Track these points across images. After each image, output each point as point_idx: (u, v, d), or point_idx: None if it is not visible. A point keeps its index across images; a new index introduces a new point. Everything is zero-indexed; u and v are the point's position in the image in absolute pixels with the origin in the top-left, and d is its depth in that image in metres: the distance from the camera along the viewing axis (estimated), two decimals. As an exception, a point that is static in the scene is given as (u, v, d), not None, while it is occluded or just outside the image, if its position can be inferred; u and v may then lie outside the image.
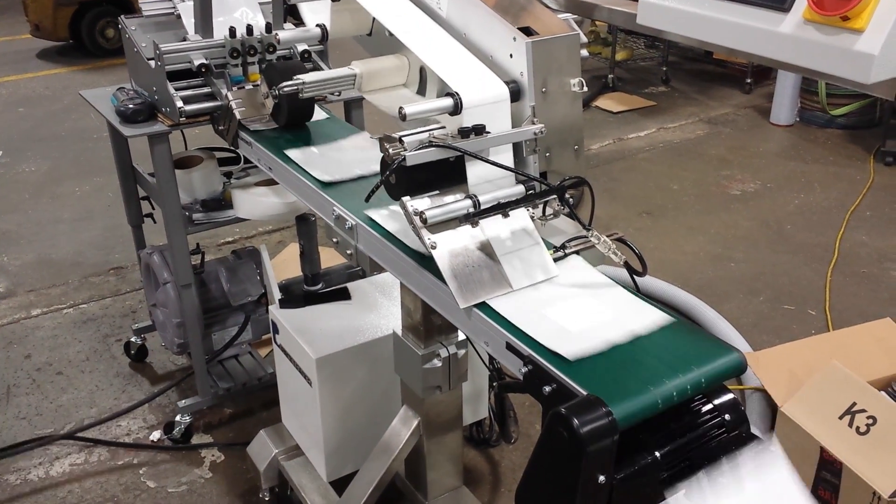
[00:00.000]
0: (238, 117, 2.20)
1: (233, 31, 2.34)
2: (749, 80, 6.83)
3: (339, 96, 2.63)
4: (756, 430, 1.39)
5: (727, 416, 1.29)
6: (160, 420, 3.01)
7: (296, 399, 2.34)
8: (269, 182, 2.66)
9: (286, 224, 4.45)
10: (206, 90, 2.42)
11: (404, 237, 1.60)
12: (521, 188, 1.49)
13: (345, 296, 2.39)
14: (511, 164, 1.52)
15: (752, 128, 6.06)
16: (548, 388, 1.26)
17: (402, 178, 1.46)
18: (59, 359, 3.39)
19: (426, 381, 1.91)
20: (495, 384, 2.51)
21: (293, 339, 2.22)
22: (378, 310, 2.33)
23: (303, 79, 1.77)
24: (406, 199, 1.44)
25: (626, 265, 1.48)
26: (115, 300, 3.81)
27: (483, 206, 1.45)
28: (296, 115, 2.20)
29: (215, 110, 2.39)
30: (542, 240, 1.52)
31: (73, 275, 4.05)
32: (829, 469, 2.51)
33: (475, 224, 1.46)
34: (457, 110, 1.48)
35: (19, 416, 3.06)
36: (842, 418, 2.53)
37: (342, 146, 2.14)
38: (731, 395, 1.30)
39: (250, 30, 2.36)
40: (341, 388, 2.19)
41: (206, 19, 2.45)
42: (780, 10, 1.18)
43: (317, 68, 2.58)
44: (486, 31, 1.60)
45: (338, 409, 2.21)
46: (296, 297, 2.39)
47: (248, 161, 2.83)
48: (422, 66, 1.77)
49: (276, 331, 2.34)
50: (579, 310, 1.40)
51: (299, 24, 2.70)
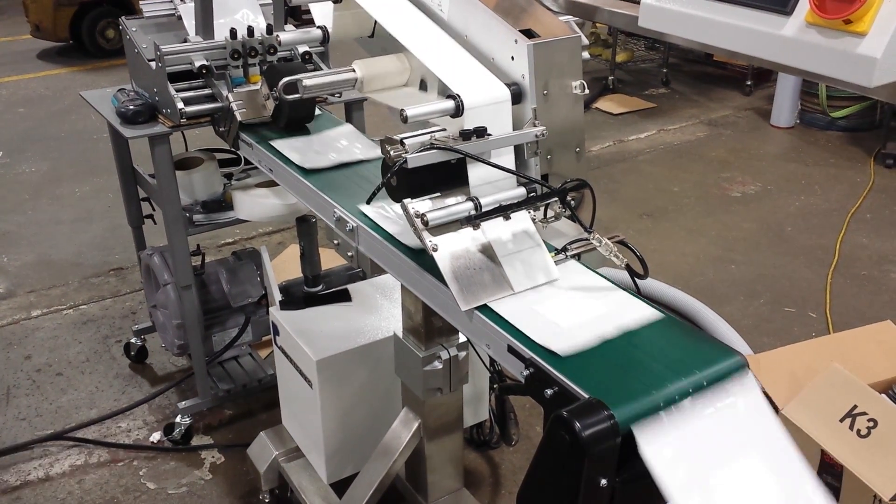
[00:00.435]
0: (239, 119, 2.20)
1: (234, 32, 2.34)
2: (749, 83, 6.83)
3: (339, 97, 2.64)
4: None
5: (728, 419, 1.28)
6: (160, 421, 3.00)
7: (296, 401, 2.34)
8: (270, 183, 2.66)
9: (286, 225, 4.45)
10: (207, 91, 2.42)
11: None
12: (523, 190, 1.49)
13: (345, 297, 2.39)
14: (512, 166, 1.51)
15: (753, 130, 6.06)
16: (549, 391, 1.26)
17: (404, 180, 1.46)
18: (59, 360, 3.39)
19: (427, 383, 1.91)
20: (496, 386, 2.51)
21: (294, 341, 2.22)
22: (379, 312, 2.32)
23: (303, 81, 1.77)
24: (407, 201, 1.44)
25: (628, 268, 1.47)
26: (115, 301, 3.81)
27: (484, 209, 1.45)
28: (296, 117, 2.20)
29: (216, 112, 2.39)
30: (544, 242, 1.52)
31: (73, 276, 4.05)
32: (829, 472, 2.51)
33: (476, 226, 1.46)
34: (458, 112, 1.48)
35: (19, 416, 3.06)
36: (842, 421, 2.52)
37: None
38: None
39: (251, 31, 2.36)
40: (342, 390, 2.19)
41: (206, 20, 2.45)
42: (782, 13, 1.18)
43: (317, 70, 2.58)
44: (487, 34, 1.60)
45: (338, 411, 2.20)
46: (296, 298, 2.39)
47: (248, 162, 2.83)
48: (423, 70, 1.77)
49: (276, 332, 2.34)
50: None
51: (300, 25, 2.70)
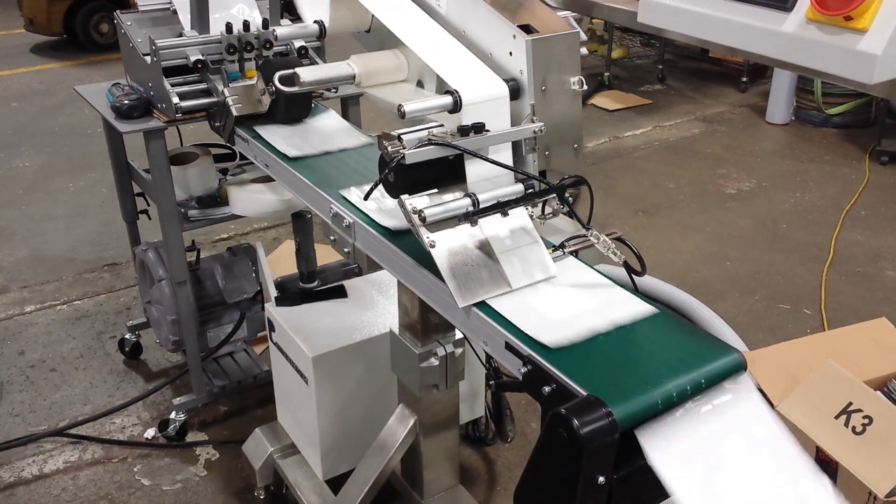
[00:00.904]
0: (235, 114, 2.19)
1: (229, 26, 2.32)
2: (745, 79, 6.83)
3: (335, 92, 2.62)
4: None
5: (726, 417, 1.28)
6: (155, 417, 2.99)
7: (292, 397, 2.34)
8: (265, 179, 2.65)
9: (281, 221, 4.44)
10: (203, 86, 2.41)
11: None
12: (521, 187, 1.49)
13: (341, 294, 2.38)
14: (510, 162, 1.51)
15: (748, 126, 6.07)
16: (547, 389, 1.25)
17: (401, 177, 1.45)
18: (53, 355, 3.37)
19: (423, 380, 1.90)
20: (492, 383, 2.51)
21: (289, 337, 2.21)
22: (375, 308, 2.32)
23: (300, 75, 1.76)
24: (405, 197, 1.43)
25: (626, 265, 1.47)
26: (110, 297, 3.79)
27: (482, 205, 1.44)
28: (293, 112, 2.19)
29: (211, 106, 2.37)
30: (541, 239, 1.51)
31: (67, 271, 4.03)
32: (824, 469, 2.50)
33: (474, 223, 1.45)
34: (456, 108, 1.47)
35: (13, 413, 3.04)
36: (838, 418, 2.53)
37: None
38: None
39: (247, 26, 2.35)
40: (337, 387, 2.18)
41: (202, 15, 2.43)
42: (782, 10, 1.18)
43: (313, 65, 2.57)
44: (485, 29, 1.59)
45: (334, 408, 2.20)
46: (292, 294, 2.38)
47: (243, 157, 2.82)
48: (420, 65, 1.77)
49: (272, 328, 2.33)
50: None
51: (296, 20, 2.68)
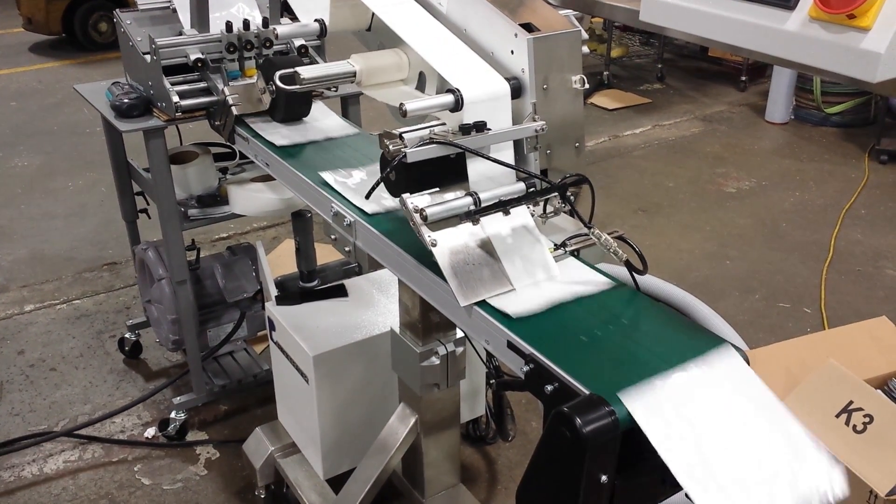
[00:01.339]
0: (235, 112, 2.19)
1: (229, 25, 2.32)
2: (744, 78, 6.83)
3: (335, 91, 2.62)
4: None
5: (729, 416, 1.28)
6: (155, 417, 2.99)
7: (292, 396, 2.33)
8: (265, 178, 2.65)
9: (281, 220, 4.44)
10: (203, 85, 2.40)
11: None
12: (522, 185, 1.49)
13: (342, 293, 2.38)
14: (512, 161, 1.51)
15: (748, 125, 6.07)
16: (549, 387, 1.25)
17: (403, 175, 1.45)
18: (53, 355, 3.37)
19: (424, 379, 1.90)
20: (493, 382, 2.51)
21: (290, 336, 2.21)
22: (375, 307, 2.31)
23: (301, 74, 1.76)
24: (406, 196, 1.43)
25: (627, 263, 1.47)
26: (109, 296, 3.79)
27: (484, 204, 1.44)
28: (293, 111, 2.19)
29: (212, 105, 2.37)
30: (543, 237, 1.51)
31: (67, 270, 4.02)
32: (825, 467, 2.51)
33: (476, 221, 1.45)
34: (458, 107, 1.47)
35: (12, 412, 3.04)
36: (838, 417, 2.53)
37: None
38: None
39: (247, 24, 2.34)
40: (338, 386, 2.18)
41: (202, 13, 2.43)
42: (785, 8, 1.18)
43: (314, 63, 2.56)
44: (486, 28, 1.59)
45: (335, 407, 2.20)
46: (292, 293, 2.38)
47: (243, 156, 2.82)
48: (421, 64, 1.76)
49: (272, 328, 2.33)
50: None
51: (295, 19, 2.68)
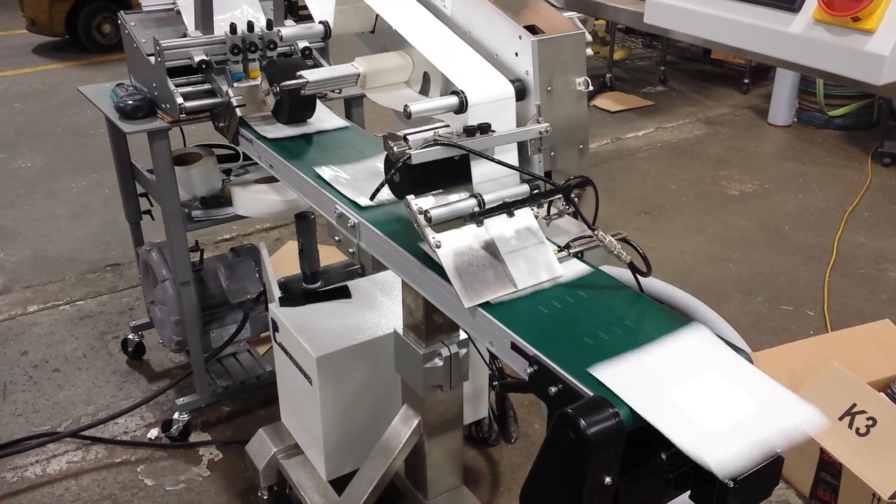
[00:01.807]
0: (239, 114, 2.19)
1: (234, 27, 2.33)
2: (747, 81, 6.83)
3: (339, 93, 2.63)
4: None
5: (732, 418, 1.28)
6: (158, 418, 2.99)
7: (295, 397, 2.34)
8: (269, 179, 2.65)
9: (284, 222, 4.44)
10: (207, 87, 2.41)
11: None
12: (526, 187, 1.49)
13: (345, 294, 2.38)
14: (516, 162, 1.51)
15: (750, 128, 6.07)
16: (553, 389, 1.25)
17: (407, 177, 1.45)
18: (56, 356, 3.37)
19: (427, 381, 1.90)
20: (496, 383, 2.50)
21: (293, 338, 2.21)
22: (379, 308, 2.32)
23: (306, 77, 1.76)
24: (410, 197, 1.43)
25: (631, 265, 1.47)
26: (113, 297, 3.79)
27: (488, 206, 1.44)
28: (298, 112, 2.19)
29: (216, 107, 2.37)
30: (547, 239, 1.51)
31: (70, 271, 4.03)
32: (828, 470, 2.51)
33: (480, 223, 1.45)
34: (462, 109, 1.47)
35: (16, 413, 3.04)
36: (842, 419, 2.53)
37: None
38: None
39: (251, 26, 2.35)
40: (342, 387, 2.18)
41: (206, 15, 2.44)
42: (789, 11, 1.18)
43: (317, 65, 2.57)
44: (491, 30, 1.59)
45: (338, 408, 2.20)
46: (296, 295, 2.38)
47: (247, 158, 2.82)
48: (425, 66, 1.77)
49: (275, 329, 2.33)
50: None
51: (299, 21, 2.69)
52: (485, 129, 1.45)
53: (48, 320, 3.62)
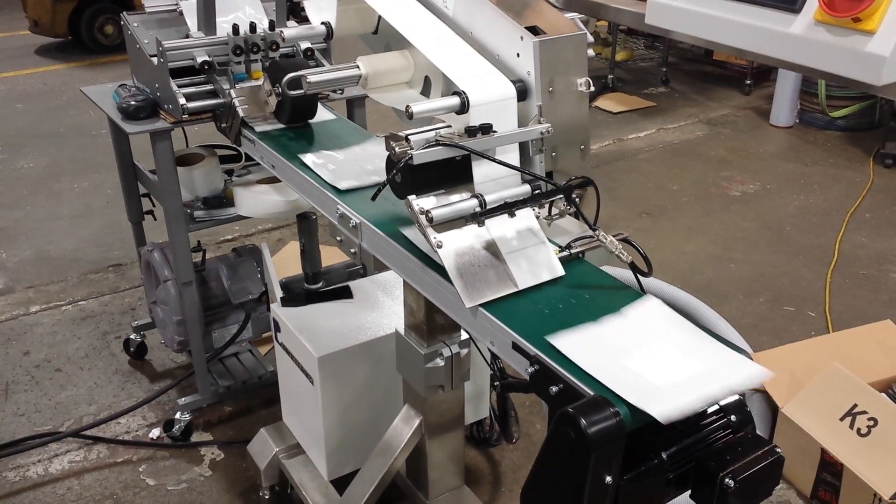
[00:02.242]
0: (241, 115, 2.20)
1: (236, 28, 2.33)
2: (748, 82, 6.83)
3: (341, 94, 2.63)
4: (758, 431, 1.41)
5: (733, 418, 1.29)
6: (160, 418, 3.00)
7: (297, 397, 2.34)
8: (271, 180, 2.66)
9: (286, 222, 4.45)
10: (209, 87, 2.41)
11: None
12: (528, 188, 1.49)
13: (347, 294, 2.39)
14: (517, 163, 1.51)
15: (752, 129, 6.07)
16: (554, 389, 1.26)
17: (408, 177, 1.46)
18: (58, 356, 3.38)
19: (428, 381, 1.90)
20: (497, 383, 2.51)
21: (295, 338, 2.21)
22: (380, 308, 2.32)
23: (308, 78, 1.77)
24: (412, 198, 1.43)
25: (632, 266, 1.47)
26: (115, 297, 3.80)
27: (489, 206, 1.44)
28: (299, 113, 2.19)
29: (218, 108, 2.38)
30: (548, 239, 1.52)
31: (72, 271, 4.04)
32: (829, 470, 2.51)
33: (481, 223, 1.45)
34: (463, 109, 1.47)
35: (18, 412, 3.05)
36: (843, 420, 2.53)
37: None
38: (736, 396, 1.30)
39: (253, 27, 2.36)
40: (343, 387, 2.19)
41: (209, 16, 2.44)
42: (790, 11, 1.18)
43: (319, 66, 2.58)
44: (492, 30, 1.60)
45: (339, 408, 2.20)
46: (297, 295, 2.38)
47: (248, 158, 2.83)
48: (427, 67, 1.77)
49: (277, 329, 2.34)
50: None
51: (301, 22, 2.69)
52: (486, 129, 1.46)
53: (50, 320, 3.63)
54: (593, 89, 1.58)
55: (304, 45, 2.51)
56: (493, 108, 1.49)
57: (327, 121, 2.29)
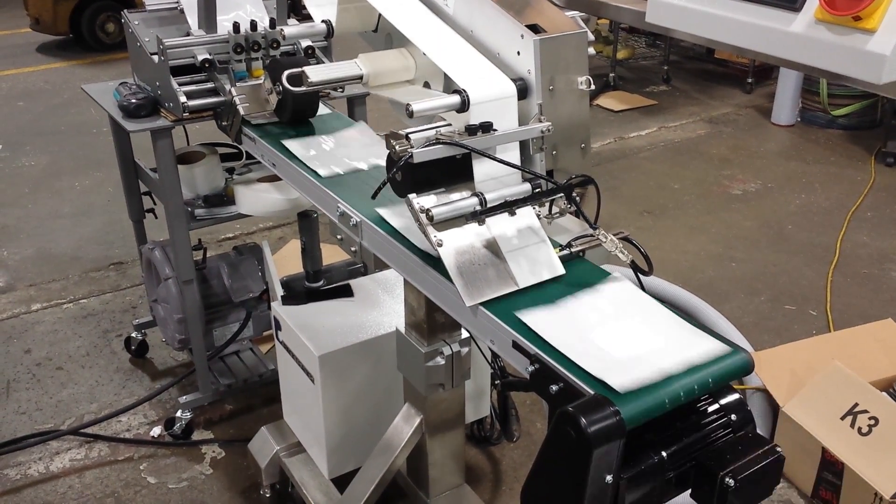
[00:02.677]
0: (242, 113, 2.20)
1: (237, 26, 2.33)
2: (750, 80, 6.83)
3: (342, 92, 2.63)
4: (759, 430, 1.41)
5: (733, 417, 1.29)
6: (161, 416, 3.00)
7: (298, 396, 2.34)
8: (272, 178, 2.66)
9: (286, 220, 4.45)
10: (210, 86, 2.41)
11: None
12: (528, 186, 1.49)
13: (347, 293, 2.39)
14: (518, 161, 1.51)
15: (754, 128, 6.06)
16: (555, 387, 1.26)
17: (409, 176, 1.46)
18: (59, 354, 3.38)
19: (429, 379, 1.90)
20: (498, 382, 2.51)
21: (296, 336, 2.21)
22: (381, 307, 2.32)
23: (309, 76, 1.76)
24: (412, 196, 1.43)
25: (633, 264, 1.47)
26: (116, 295, 3.80)
27: (490, 204, 1.44)
28: (300, 111, 2.19)
29: (219, 106, 2.38)
30: (549, 238, 1.51)
31: (73, 269, 4.04)
32: (830, 469, 2.51)
33: (481, 222, 1.45)
34: (464, 107, 1.47)
35: (19, 410, 3.05)
36: (843, 419, 2.53)
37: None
38: (737, 396, 1.30)
39: (254, 25, 2.35)
40: (344, 385, 2.19)
41: (210, 14, 2.44)
42: (791, 10, 1.18)
43: (320, 64, 2.57)
44: (493, 29, 1.60)
45: (340, 406, 2.20)
46: (298, 293, 2.38)
47: (249, 157, 2.82)
48: (427, 65, 1.77)
49: (278, 327, 2.34)
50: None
51: (302, 20, 2.69)
52: (487, 127, 1.45)
53: (51, 318, 3.63)
54: (594, 88, 1.58)
55: (305, 43, 2.51)
56: (494, 107, 1.48)
57: (325, 116, 2.30)
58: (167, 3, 2.66)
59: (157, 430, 2.93)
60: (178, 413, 2.89)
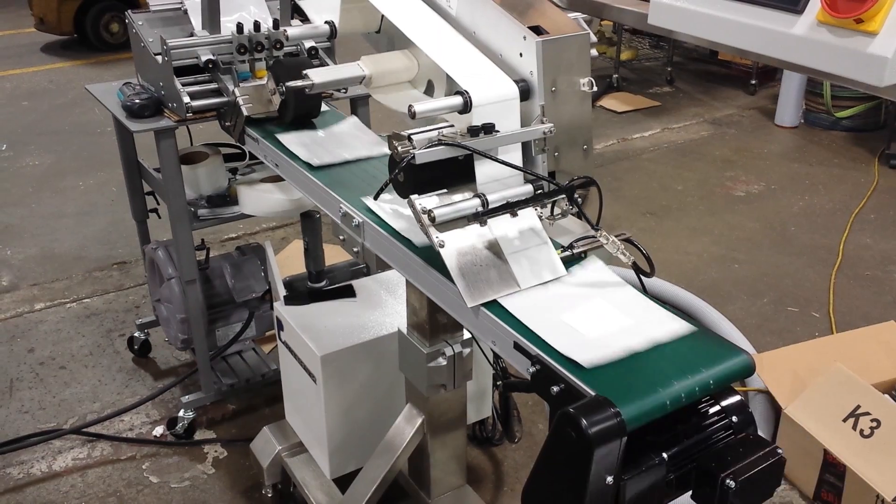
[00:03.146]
0: (245, 113, 2.20)
1: (240, 26, 2.34)
2: (754, 82, 6.82)
3: (345, 93, 2.63)
4: (760, 432, 1.41)
5: (734, 418, 1.29)
6: (163, 415, 3.01)
7: (300, 396, 2.34)
8: (275, 178, 2.66)
9: (290, 221, 4.45)
10: (213, 86, 2.42)
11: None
12: (530, 187, 1.49)
13: (350, 293, 2.39)
14: (520, 163, 1.51)
15: (757, 129, 6.06)
16: (556, 388, 1.26)
17: (411, 176, 1.46)
18: (63, 353, 3.39)
19: (431, 380, 1.91)
20: (499, 383, 2.51)
21: (298, 336, 2.22)
22: (383, 307, 2.32)
23: (312, 78, 1.77)
24: (414, 197, 1.44)
25: (635, 266, 1.47)
26: (119, 295, 3.81)
27: (491, 205, 1.45)
28: (303, 112, 2.20)
29: (222, 106, 2.38)
30: (550, 239, 1.52)
31: (77, 269, 4.05)
32: (832, 472, 2.51)
33: (483, 223, 1.46)
34: (466, 109, 1.47)
35: (22, 409, 3.06)
36: (846, 421, 2.53)
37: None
38: (738, 397, 1.30)
39: (258, 26, 2.36)
40: (346, 386, 2.19)
41: (213, 15, 2.45)
42: (793, 12, 1.18)
43: (323, 65, 2.58)
44: (495, 30, 1.60)
45: (342, 407, 2.20)
46: (301, 293, 2.39)
47: (252, 157, 2.83)
48: (430, 66, 1.77)
49: (280, 327, 2.34)
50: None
51: (305, 21, 2.69)
52: (489, 129, 1.46)
53: (55, 318, 3.64)
54: (596, 89, 1.58)
55: (308, 43, 2.51)
56: (496, 108, 1.49)
57: (326, 115, 2.31)
58: (171, 4, 2.67)
59: (159, 430, 2.94)
60: (181, 412, 2.89)
